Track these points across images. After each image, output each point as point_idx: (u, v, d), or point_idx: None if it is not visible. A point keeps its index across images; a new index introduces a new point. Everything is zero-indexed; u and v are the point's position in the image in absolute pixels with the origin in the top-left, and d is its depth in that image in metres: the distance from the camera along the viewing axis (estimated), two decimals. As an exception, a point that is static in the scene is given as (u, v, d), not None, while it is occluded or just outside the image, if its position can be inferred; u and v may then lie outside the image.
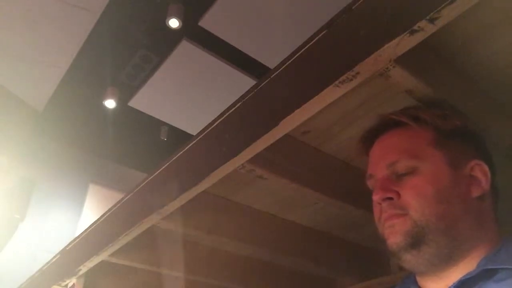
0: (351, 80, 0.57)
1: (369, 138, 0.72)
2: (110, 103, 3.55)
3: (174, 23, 2.88)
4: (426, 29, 0.50)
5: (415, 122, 0.65)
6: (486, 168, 0.64)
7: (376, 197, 0.64)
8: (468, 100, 0.71)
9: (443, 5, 0.48)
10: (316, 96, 0.60)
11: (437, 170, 0.62)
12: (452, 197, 0.61)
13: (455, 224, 0.60)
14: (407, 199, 0.61)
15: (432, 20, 0.49)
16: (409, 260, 0.61)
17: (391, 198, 0.62)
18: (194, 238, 1.18)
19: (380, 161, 0.67)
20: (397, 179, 0.64)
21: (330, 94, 0.60)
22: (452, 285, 0.59)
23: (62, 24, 2.97)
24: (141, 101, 3.68)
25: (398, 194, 0.62)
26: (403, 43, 0.52)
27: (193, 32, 3.05)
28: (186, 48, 3.16)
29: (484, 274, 0.57)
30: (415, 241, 0.60)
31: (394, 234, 0.62)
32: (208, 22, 2.97)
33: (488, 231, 0.62)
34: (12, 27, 2.98)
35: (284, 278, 1.35)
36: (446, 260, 0.60)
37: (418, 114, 0.66)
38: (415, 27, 0.50)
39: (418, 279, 0.66)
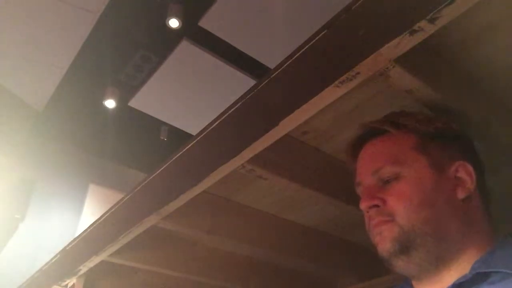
0: (351, 80, 0.57)
1: (355, 147, 0.73)
2: (110, 103, 3.54)
3: (174, 23, 2.88)
4: (426, 29, 0.50)
5: (395, 129, 0.66)
6: (470, 168, 0.64)
7: (362, 206, 0.65)
8: (468, 100, 0.71)
9: (443, 5, 0.48)
10: (316, 96, 0.60)
11: (420, 174, 0.63)
12: (436, 200, 0.61)
13: (442, 227, 0.60)
14: (392, 205, 0.62)
15: (432, 20, 0.49)
16: (400, 265, 0.62)
17: (377, 206, 0.63)
18: (194, 238, 1.18)
19: (365, 169, 0.68)
20: (383, 186, 0.64)
21: (330, 94, 0.60)
22: None
23: (62, 24, 2.96)
24: (141, 101, 3.68)
25: (384, 201, 0.63)
26: (403, 43, 0.52)
27: (193, 32, 3.04)
28: (186, 48, 3.16)
29: (478, 277, 0.57)
30: (403, 247, 0.60)
31: (383, 241, 0.62)
32: (208, 22, 2.97)
33: (479, 232, 0.62)
34: (12, 27, 2.98)
35: (284, 278, 1.35)
36: (437, 263, 0.60)
37: (398, 120, 0.67)
38: (415, 27, 0.50)
39: (414, 283, 0.66)
